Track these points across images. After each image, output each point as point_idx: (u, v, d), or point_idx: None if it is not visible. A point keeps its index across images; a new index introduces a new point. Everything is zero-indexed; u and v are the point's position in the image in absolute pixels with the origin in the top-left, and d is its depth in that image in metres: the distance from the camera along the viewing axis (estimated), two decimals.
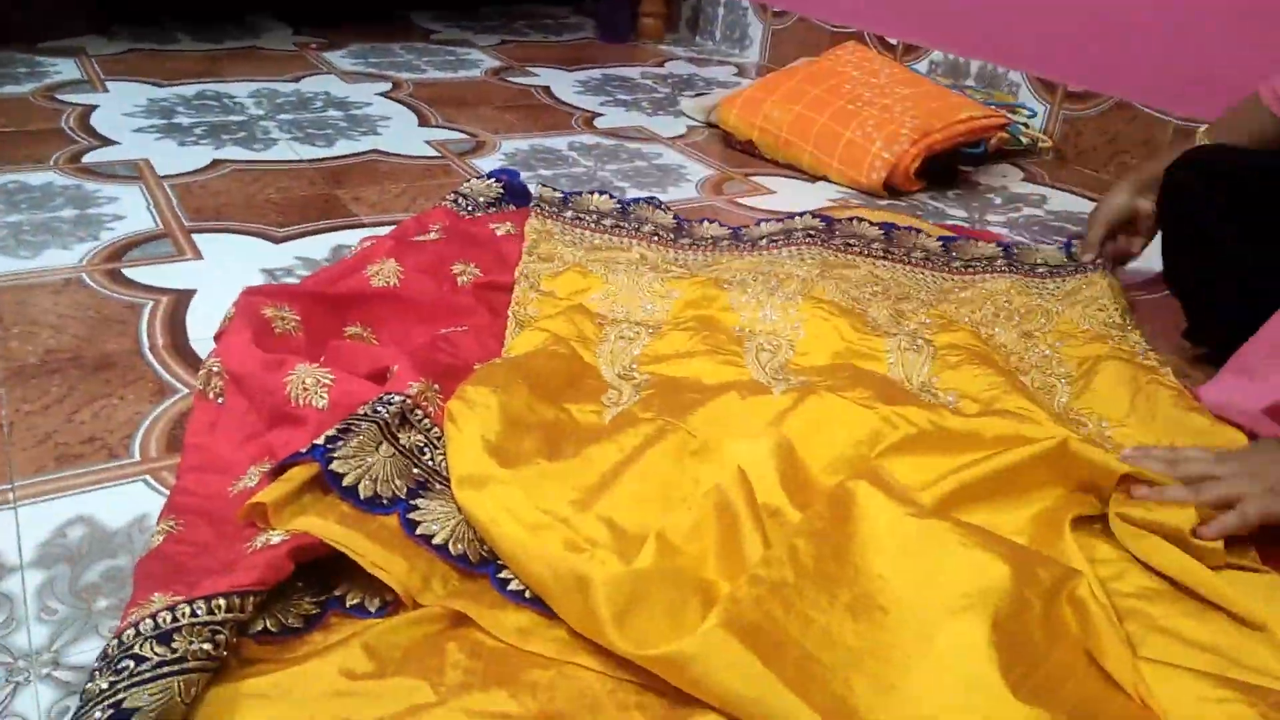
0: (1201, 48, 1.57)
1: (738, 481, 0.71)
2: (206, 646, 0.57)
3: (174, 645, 0.56)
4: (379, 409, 0.75)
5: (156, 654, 0.55)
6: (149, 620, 0.57)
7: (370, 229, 1.26)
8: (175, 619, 0.57)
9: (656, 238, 1.23)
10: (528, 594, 0.65)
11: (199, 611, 0.58)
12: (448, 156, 1.58)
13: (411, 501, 0.69)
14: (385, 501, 0.68)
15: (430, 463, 0.74)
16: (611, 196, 1.31)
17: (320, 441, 0.70)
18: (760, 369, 0.93)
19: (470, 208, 1.25)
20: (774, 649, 0.57)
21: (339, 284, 1.01)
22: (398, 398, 0.77)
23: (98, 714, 0.52)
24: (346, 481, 0.68)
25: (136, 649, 0.56)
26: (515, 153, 1.63)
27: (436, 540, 0.67)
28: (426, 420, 0.78)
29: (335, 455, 0.69)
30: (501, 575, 0.66)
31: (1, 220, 1.21)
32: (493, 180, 1.30)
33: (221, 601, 0.59)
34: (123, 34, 2.16)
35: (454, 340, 0.92)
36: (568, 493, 0.71)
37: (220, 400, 0.83)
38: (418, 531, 0.67)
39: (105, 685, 0.54)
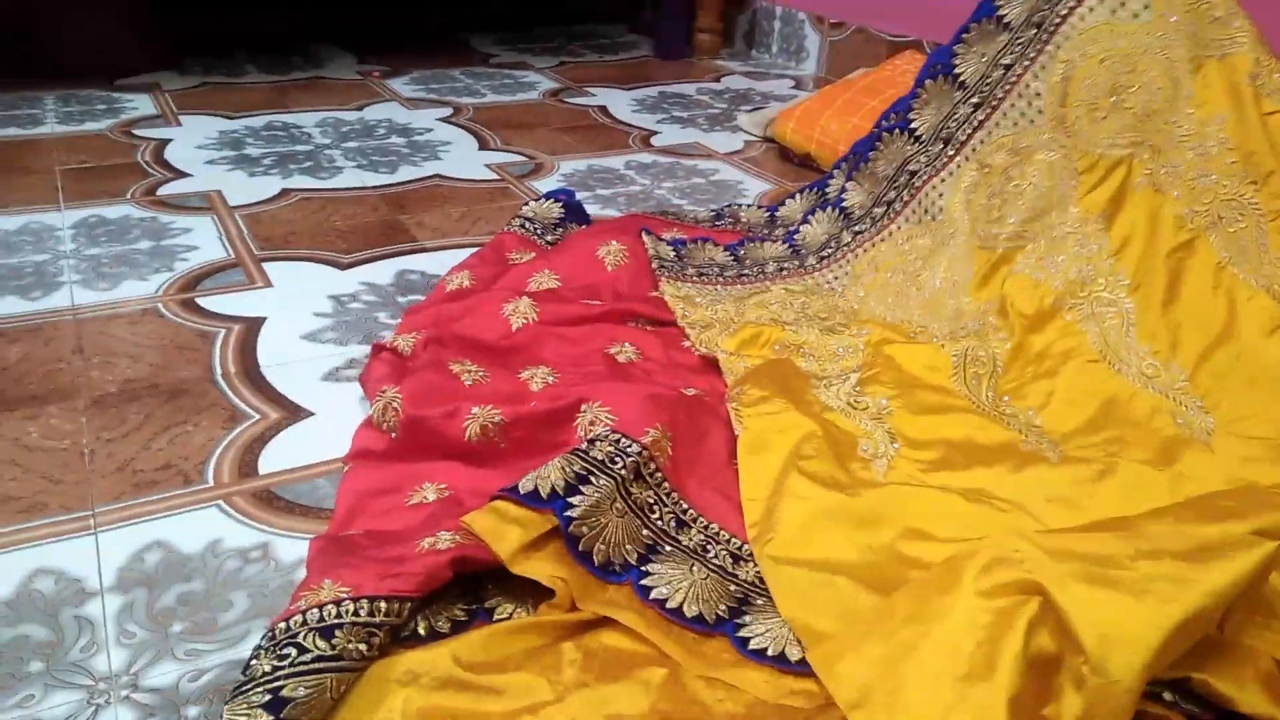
0: None
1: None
2: (362, 647, 0.60)
3: (334, 641, 0.59)
4: (617, 459, 0.76)
5: (318, 648, 0.59)
6: (315, 611, 0.62)
7: (432, 254, 1.28)
8: (339, 614, 0.61)
9: (783, 271, 1.19)
10: (769, 652, 0.66)
11: (360, 611, 0.62)
12: (506, 179, 1.60)
13: (643, 568, 0.70)
14: (618, 568, 0.70)
15: (659, 523, 0.75)
16: (717, 245, 1.24)
17: (560, 491, 0.71)
18: (981, 398, 0.95)
19: (539, 230, 1.27)
20: None
21: (482, 328, 1.01)
22: (635, 448, 0.77)
23: (256, 696, 0.56)
24: (583, 547, 0.69)
25: (300, 639, 0.60)
26: (573, 173, 1.64)
27: (670, 604, 0.68)
28: (659, 474, 0.78)
29: (574, 516, 0.69)
30: (741, 634, 0.67)
31: (83, 253, 1.25)
32: (552, 201, 1.32)
33: (382, 604, 0.63)
34: (195, 68, 2.23)
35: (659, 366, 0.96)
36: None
37: (394, 435, 0.85)
38: (651, 596, 0.68)
39: (268, 668, 0.58)
